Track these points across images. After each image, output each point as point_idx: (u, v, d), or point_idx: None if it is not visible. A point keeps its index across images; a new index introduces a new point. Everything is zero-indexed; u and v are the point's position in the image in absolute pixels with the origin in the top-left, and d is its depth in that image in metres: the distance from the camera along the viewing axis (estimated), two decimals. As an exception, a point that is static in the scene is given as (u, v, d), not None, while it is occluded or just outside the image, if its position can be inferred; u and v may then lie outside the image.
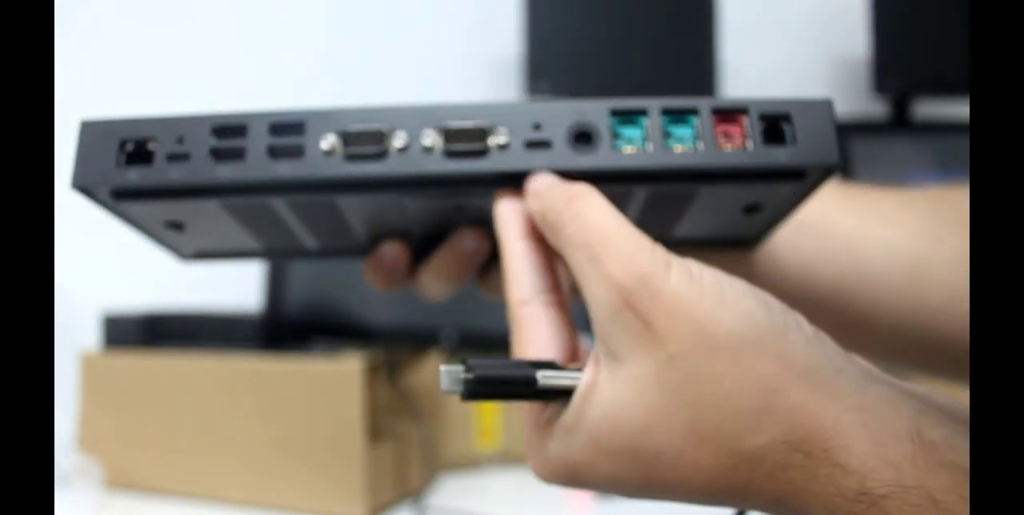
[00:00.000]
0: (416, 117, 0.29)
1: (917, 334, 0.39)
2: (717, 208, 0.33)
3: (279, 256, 0.40)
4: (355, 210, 0.33)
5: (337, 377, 0.60)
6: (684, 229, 0.36)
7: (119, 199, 0.30)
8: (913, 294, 0.39)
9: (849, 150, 1.01)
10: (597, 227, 0.26)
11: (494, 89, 1.05)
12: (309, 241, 0.37)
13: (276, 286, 0.72)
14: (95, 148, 0.29)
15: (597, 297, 0.25)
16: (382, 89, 1.01)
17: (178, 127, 0.29)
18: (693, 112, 0.29)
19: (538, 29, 0.96)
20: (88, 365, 0.69)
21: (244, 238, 0.36)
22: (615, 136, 0.29)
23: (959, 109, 1.08)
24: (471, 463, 0.75)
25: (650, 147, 0.29)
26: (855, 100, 1.14)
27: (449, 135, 0.29)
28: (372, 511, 0.61)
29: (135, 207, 0.31)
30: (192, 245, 0.37)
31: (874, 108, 1.09)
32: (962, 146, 0.98)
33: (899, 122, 1.05)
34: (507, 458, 0.75)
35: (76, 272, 0.88)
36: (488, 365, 0.26)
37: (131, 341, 0.70)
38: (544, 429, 0.27)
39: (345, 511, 0.60)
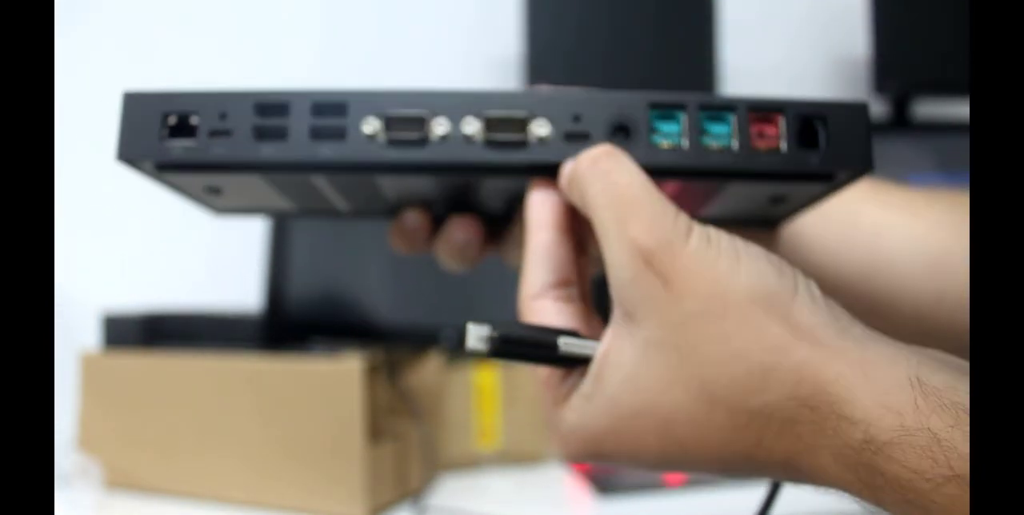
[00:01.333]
0: (458, 103, 0.29)
1: (939, 322, 0.40)
2: (744, 196, 0.33)
3: (311, 215, 0.40)
4: (390, 184, 0.34)
5: (337, 377, 0.60)
6: (711, 210, 0.36)
7: (162, 170, 0.30)
8: (935, 283, 0.40)
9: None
10: (625, 188, 0.27)
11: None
12: (341, 204, 0.38)
13: (276, 286, 0.72)
14: (138, 121, 0.29)
15: (619, 257, 0.26)
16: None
17: (221, 102, 0.29)
18: (730, 109, 0.29)
19: (538, 29, 0.96)
20: (88, 365, 0.69)
21: (279, 200, 0.37)
22: (652, 131, 0.29)
23: (959, 109, 1.08)
24: (471, 463, 0.75)
25: (685, 143, 0.29)
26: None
27: (490, 124, 0.29)
28: (372, 511, 0.60)
29: (178, 177, 0.31)
30: (227, 204, 0.38)
31: (874, 108, 1.08)
32: (962, 146, 0.98)
33: (899, 122, 1.05)
34: (507, 458, 0.75)
35: (76, 272, 0.88)
36: (513, 326, 0.27)
37: (131, 341, 0.70)
38: (563, 403, 0.28)
39: (345, 511, 0.60)
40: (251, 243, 0.83)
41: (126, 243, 0.94)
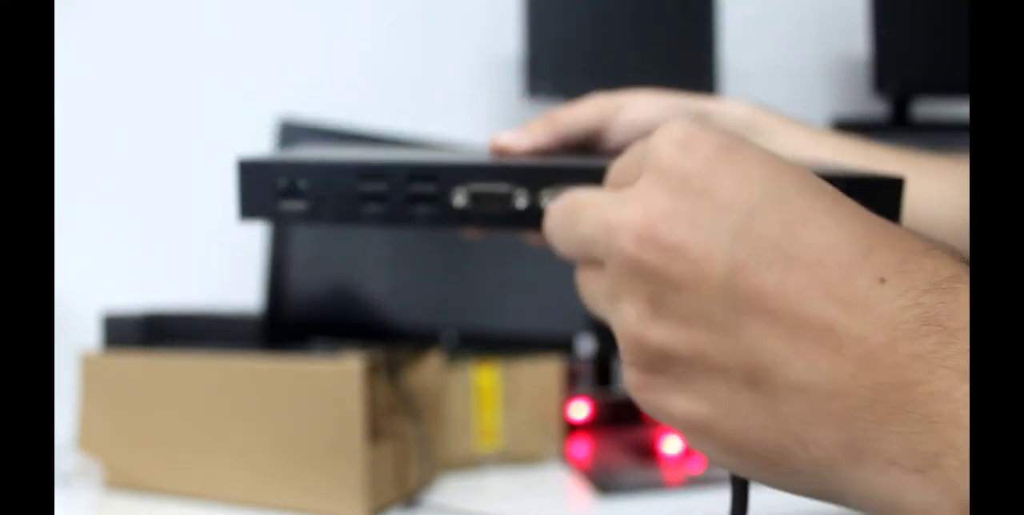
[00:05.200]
0: (537, 177, 0.32)
1: None
2: None
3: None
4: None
5: (337, 377, 0.60)
6: None
7: (278, 221, 0.34)
8: (966, 242, 0.42)
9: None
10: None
11: (495, 88, 1.05)
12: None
13: (276, 286, 0.72)
14: (253, 185, 0.33)
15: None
16: (384, 88, 1.01)
17: (326, 170, 0.32)
18: None
19: (539, 29, 0.96)
20: (88, 365, 0.69)
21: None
22: None
23: (959, 109, 1.08)
24: (471, 463, 0.75)
25: None
26: (855, 100, 1.14)
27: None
28: (372, 511, 0.61)
29: (293, 224, 0.35)
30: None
31: (874, 108, 1.09)
32: (962, 146, 0.98)
33: (899, 122, 1.05)
34: (507, 458, 0.75)
35: (76, 272, 0.88)
36: None
37: (131, 341, 0.70)
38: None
39: (345, 511, 0.60)
40: (251, 243, 0.83)
41: (126, 243, 0.94)
